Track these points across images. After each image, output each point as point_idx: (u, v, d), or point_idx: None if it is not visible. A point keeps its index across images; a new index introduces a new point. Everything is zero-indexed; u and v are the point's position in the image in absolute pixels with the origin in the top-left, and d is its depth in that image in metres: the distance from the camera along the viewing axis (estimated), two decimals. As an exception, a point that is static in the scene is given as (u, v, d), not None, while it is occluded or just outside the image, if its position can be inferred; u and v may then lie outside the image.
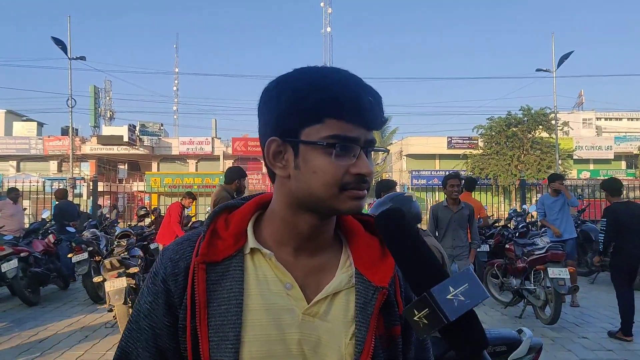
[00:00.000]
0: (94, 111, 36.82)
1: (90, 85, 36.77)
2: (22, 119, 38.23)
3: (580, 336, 5.53)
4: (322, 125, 0.78)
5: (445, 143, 36.89)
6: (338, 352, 0.81)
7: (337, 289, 0.84)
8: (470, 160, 32.05)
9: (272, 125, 0.82)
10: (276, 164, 0.83)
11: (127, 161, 37.05)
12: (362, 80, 0.82)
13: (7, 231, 8.52)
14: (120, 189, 34.34)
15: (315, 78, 0.80)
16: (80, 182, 18.58)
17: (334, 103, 0.77)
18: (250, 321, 0.80)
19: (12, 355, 4.99)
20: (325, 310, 0.83)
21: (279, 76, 0.84)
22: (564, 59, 23.83)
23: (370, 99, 0.79)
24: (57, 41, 21.54)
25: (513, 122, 30.60)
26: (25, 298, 7.30)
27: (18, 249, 7.50)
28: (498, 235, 8.26)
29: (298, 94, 0.79)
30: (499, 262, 7.00)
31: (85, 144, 34.86)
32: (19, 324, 6.31)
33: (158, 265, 0.86)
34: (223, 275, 0.81)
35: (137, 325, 0.86)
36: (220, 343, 0.78)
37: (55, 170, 34.26)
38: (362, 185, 0.80)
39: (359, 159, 0.79)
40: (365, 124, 0.79)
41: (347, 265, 0.87)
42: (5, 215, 8.93)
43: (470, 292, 0.68)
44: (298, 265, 0.85)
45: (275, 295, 0.82)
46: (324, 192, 0.79)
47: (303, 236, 0.85)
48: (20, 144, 34.52)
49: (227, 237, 0.84)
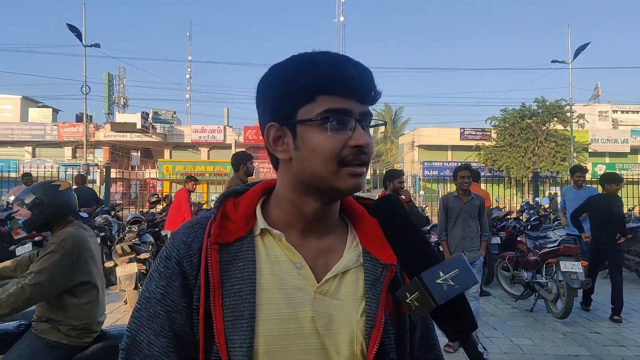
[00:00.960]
0: (108, 98, 37.01)
1: (104, 73, 36.93)
2: (37, 105, 38.56)
3: (592, 331, 5.47)
4: (315, 103, 0.80)
5: (457, 134, 36.58)
6: (350, 329, 0.82)
7: (346, 268, 0.86)
8: (483, 152, 31.80)
9: (269, 112, 0.85)
10: (277, 149, 0.85)
11: (140, 148, 37.29)
12: (350, 58, 0.83)
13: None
14: (133, 176, 34.70)
15: (304, 61, 0.82)
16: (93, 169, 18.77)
17: (323, 80, 0.80)
18: (264, 300, 0.80)
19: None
20: (335, 289, 0.85)
21: (272, 65, 0.87)
22: (580, 51, 23.44)
23: (359, 73, 0.81)
24: (72, 28, 21.66)
25: (527, 114, 30.26)
26: (39, 282, 7.40)
27: (32, 233, 7.59)
28: (509, 228, 8.19)
29: (289, 78, 0.81)
30: (510, 255, 6.94)
31: (99, 130, 35.11)
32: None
33: (170, 249, 0.85)
34: (235, 256, 0.82)
35: (148, 312, 0.84)
36: (236, 322, 0.79)
37: (70, 157, 34.61)
38: (360, 157, 0.81)
39: (355, 131, 0.81)
40: (357, 96, 0.81)
41: (354, 245, 0.89)
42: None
43: (460, 278, 0.70)
44: (306, 246, 0.87)
45: (287, 275, 0.83)
46: (324, 169, 0.81)
47: (309, 219, 0.87)
48: (36, 130, 34.86)
49: (238, 220, 0.86)
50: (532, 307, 6.33)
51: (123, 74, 40.36)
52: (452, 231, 4.92)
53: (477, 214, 4.92)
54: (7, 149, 35.13)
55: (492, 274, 7.46)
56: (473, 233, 4.86)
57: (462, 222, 4.86)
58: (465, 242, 4.84)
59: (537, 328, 5.59)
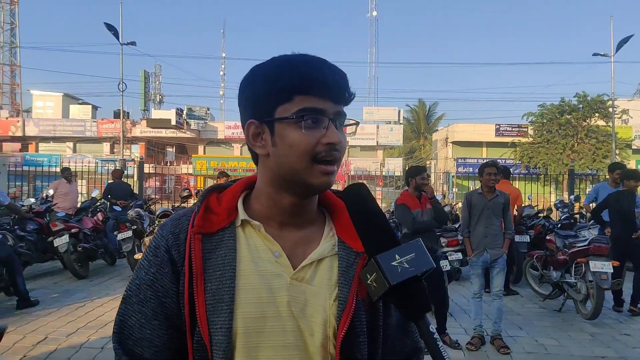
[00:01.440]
0: (144, 95, 37.99)
1: (141, 70, 37.95)
2: (78, 102, 39.86)
3: (622, 333, 5.31)
4: (292, 102, 0.86)
5: (493, 130, 35.84)
6: (323, 313, 0.88)
7: (321, 256, 0.92)
8: (519, 148, 30.99)
9: (249, 110, 0.91)
10: (256, 144, 0.91)
11: (175, 144, 38.10)
12: (326, 61, 0.89)
13: (61, 208, 8.99)
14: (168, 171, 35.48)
15: (283, 62, 0.88)
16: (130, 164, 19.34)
17: (300, 81, 0.85)
18: (243, 285, 0.86)
19: (61, 323, 5.31)
20: (311, 275, 0.90)
21: (254, 66, 0.92)
22: (623, 43, 22.59)
23: (334, 75, 0.87)
24: (109, 27, 22.29)
25: (567, 110, 29.26)
26: (75, 271, 7.73)
27: (69, 225, 7.92)
28: (538, 226, 7.99)
29: (269, 78, 0.87)
30: (539, 254, 6.79)
31: (136, 126, 36.04)
32: (68, 295, 6.69)
33: (159, 239, 0.92)
34: (217, 245, 0.89)
35: (139, 297, 0.90)
36: (216, 305, 0.85)
37: (108, 152, 35.68)
38: (333, 154, 0.87)
39: (328, 129, 0.86)
40: (331, 97, 0.87)
41: (330, 236, 0.94)
42: (59, 193, 9.41)
43: (415, 261, 0.75)
44: (285, 237, 0.92)
45: (265, 262, 0.89)
46: (298, 164, 0.86)
47: (286, 212, 0.93)
48: (77, 126, 36.09)
49: (220, 212, 0.92)
50: (560, 307, 6.19)
51: (159, 71, 41.34)
52: (475, 228, 4.86)
53: (502, 212, 4.85)
54: (50, 144, 36.54)
55: (520, 272, 7.32)
56: (496, 231, 4.79)
57: (485, 219, 4.79)
58: (488, 239, 4.77)
59: (565, 328, 5.47)
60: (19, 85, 44.14)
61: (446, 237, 6.40)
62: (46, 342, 4.73)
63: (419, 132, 46.19)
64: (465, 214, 4.97)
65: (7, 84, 43.33)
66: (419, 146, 45.61)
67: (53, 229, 7.75)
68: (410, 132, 45.87)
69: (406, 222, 4.80)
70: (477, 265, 4.85)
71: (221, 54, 52.51)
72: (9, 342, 4.69)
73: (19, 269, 6.06)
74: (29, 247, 7.39)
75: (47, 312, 5.78)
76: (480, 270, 4.87)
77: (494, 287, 4.86)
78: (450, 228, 6.82)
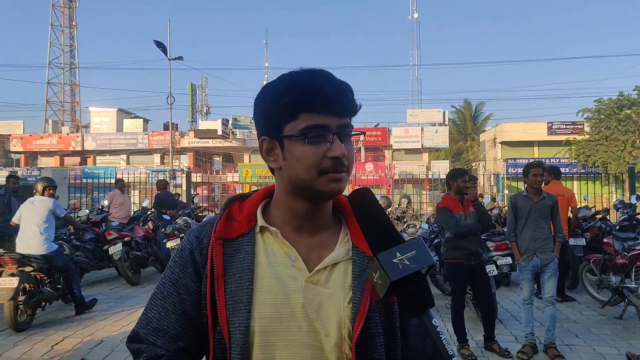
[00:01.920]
0: (191, 107, 39.13)
1: (188, 83, 39.08)
2: (130, 117, 41.51)
3: (689, 341, 4.97)
4: (297, 120, 0.92)
5: (544, 129, 34.52)
6: (337, 315, 0.92)
7: (336, 260, 0.96)
8: (575, 146, 29.60)
9: (262, 126, 0.98)
10: (269, 159, 0.98)
11: (221, 153, 39.00)
12: (330, 75, 0.94)
13: (116, 218, 9.41)
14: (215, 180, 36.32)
15: (287, 80, 0.94)
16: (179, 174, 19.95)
17: (303, 99, 0.91)
18: (260, 287, 0.93)
19: (115, 328, 5.54)
20: (325, 279, 0.95)
21: (265, 84, 0.99)
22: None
23: (336, 91, 0.92)
24: (158, 44, 23.14)
25: (626, 104, 27.62)
26: (128, 278, 8.06)
27: (122, 233, 8.27)
28: (594, 228, 7.59)
29: (275, 96, 0.94)
30: (596, 258, 6.45)
31: (184, 137, 37.17)
32: (123, 301, 6.96)
33: (185, 243, 1.01)
34: (237, 250, 0.96)
35: (162, 293, 1.00)
36: (235, 305, 0.92)
37: (159, 163, 36.93)
38: (338, 167, 0.92)
39: (333, 143, 0.91)
40: (333, 112, 0.92)
41: (345, 241, 0.99)
42: (115, 204, 9.87)
43: (416, 258, 0.78)
44: (301, 242, 0.98)
45: (281, 266, 0.95)
46: (306, 176, 0.92)
47: (302, 218, 0.99)
48: (130, 139, 37.61)
49: (241, 219, 0.99)
50: (621, 314, 5.86)
51: (205, 83, 42.45)
52: (522, 232, 4.68)
53: (550, 214, 4.65)
54: (106, 157, 38.27)
55: (576, 278, 6.98)
56: (545, 234, 4.59)
57: (532, 222, 4.60)
58: (537, 243, 4.58)
59: (626, 337, 5.18)
60: (78, 103, 46.57)
61: (494, 240, 6.19)
62: (102, 346, 4.95)
63: (466, 133, 45.14)
64: (510, 218, 4.80)
65: (67, 102, 45.78)
66: (466, 147, 44.57)
67: (108, 237, 8.11)
68: (457, 133, 44.90)
69: (449, 225, 4.69)
70: (527, 270, 4.66)
71: (264, 64, 53.38)
72: (67, 345, 4.94)
73: (75, 277, 6.33)
74: (86, 255, 7.75)
75: (103, 317, 6.05)
76: (530, 275, 4.68)
77: (545, 293, 4.65)
78: (498, 232, 6.59)
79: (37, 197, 6.12)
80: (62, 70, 45.39)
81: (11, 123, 39.87)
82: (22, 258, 5.68)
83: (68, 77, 45.86)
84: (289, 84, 0.92)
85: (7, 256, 5.66)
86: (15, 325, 5.39)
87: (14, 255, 5.69)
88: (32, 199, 6.11)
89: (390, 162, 36.09)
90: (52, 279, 6.07)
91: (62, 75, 45.51)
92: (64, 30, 45.35)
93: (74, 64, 46.16)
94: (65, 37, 45.49)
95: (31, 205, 6.04)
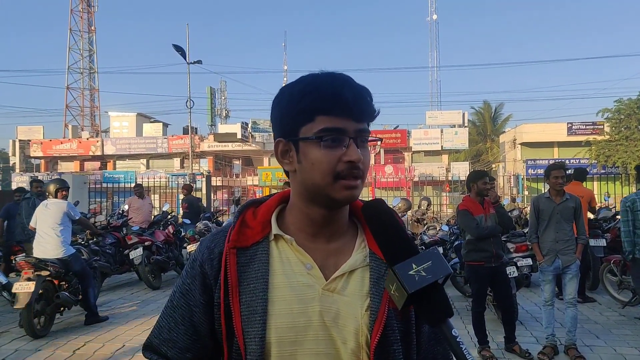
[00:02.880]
0: (211, 111, 39.43)
1: (207, 87, 39.42)
2: (150, 121, 41.97)
3: None
4: (314, 122, 0.90)
5: (564, 129, 34.03)
6: (355, 322, 0.91)
7: (353, 267, 0.95)
8: (595, 147, 29.16)
9: (278, 128, 0.97)
10: (284, 161, 0.96)
11: (240, 157, 39.23)
12: (349, 79, 0.92)
13: (135, 222, 9.53)
14: (235, 184, 36.54)
15: (306, 83, 0.92)
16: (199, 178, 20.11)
17: (321, 101, 0.89)
18: (276, 297, 0.91)
19: (137, 332, 5.62)
20: (342, 286, 0.93)
21: (283, 85, 0.97)
22: None
23: (355, 95, 0.90)
24: (177, 48, 23.43)
25: (647, 103, 27.23)
26: (149, 282, 8.14)
27: (143, 238, 8.38)
28: (615, 229, 7.47)
29: (293, 99, 0.92)
30: (616, 259, 6.36)
31: (203, 141, 37.44)
32: (144, 305, 7.05)
33: (197, 253, 1.00)
34: (251, 259, 0.94)
35: (173, 303, 1.01)
36: (250, 316, 0.90)
37: (179, 167, 37.31)
38: (354, 172, 0.90)
39: (349, 148, 0.89)
40: (351, 116, 0.90)
41: (362, 247, 0.97)
42: (133, 208, 10.00)
43: (432, 269, 0.77)
44: (317, 249, 0.96)
45: (297, 274, 0.93)
46: (321, 181, 0.90)
47: (317, 224, 0.97)
48: (149, 144, 38.01)
49: (255, 226, 0.97)
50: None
51: (224, 87, 42.78)
52: (544, 234, 4.64)
53: (573, 216, 4.61)
54: (126, 162, 38.76)
55: (597, 279, 6.89)
56: (567, 236, 4.55)
57: (554, 224, 4.56)
58: (559, 245, 4.54)
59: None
60: (97, 107, 47.08)
61: (514, 242, 6.14)
62: (124, 350, 5.01)
63: (485, 134, 44.72)
64: (532, 219, 4.77)
65: (87, 107, 46.31)
66: (485, 149, 44.14)
67: (128, 242, 8.23)
68: (476, 134, 44.51)
69: (469, 228, 4.68)
70: (548, 272, 4.63)
71: (283, 67, 53.62)
72: (89, 350, 5.02)
73: (91, 283, 6.15)
74: (107, 260, 7.86)
75: (125, 321, 6.13)
76: (551, 277, 4.64)
77: (567, 294, 4.61)
78: (519, 233, 6.54)
79: (51, 200, 6.01)
80: (81, 75, 45.90)
81: (31, 128, 40.30)
82: (38, 262, 5.58)
83: (87, 82, 46.38)
84: (307, 86, 0.91)
85: (23, 260, 5.58)
86: (32, 331, 5.31)
87: (30, 259, 5.61)
88: (46, 202, 6.02)
89: (409, 164, 35.92)
90: (69, 284, 5.96)
91: (81, 80, 46.02)
92: (83, 35, 45.79)
93: (93, 69, 46.71)
94: (84, 42, 45.99)
95: (45, 209, 5.92)
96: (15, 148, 39.58)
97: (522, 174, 31.51)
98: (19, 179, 34.96)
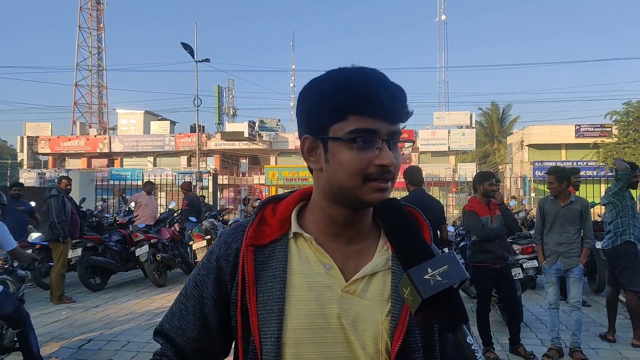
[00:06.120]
0: (218, 109, 39.47)
1: (215, 85, 39.47)
2: (157, 119, 42.06)
3: None
4: (346, 122, 0.85)
5: (572, 132, 33.83)
6: (375, 327, 0.88)
7: (374, 270, 0.91)
8: (602, 149, 28.97)
9: (305, 124, 0.92)
10: (310, 158, 0.92)
11: (247, 155, 39.30)
12: (384, 78, 0.87)
13: (141, 220, 9.55)
14: (242, 182, 36.62)
15: (340, 79, 0.87)
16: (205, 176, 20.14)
17: (354, 101, 0.84)
18: (293, 296, 0.89)
19: (141, 329, 5.65)
20: (363, 289, 0.90)
21: (312, 79, 0.92)
22: None
23: (390, 95, 0.85)
24: (185, 46, 23.45)
25: (656, 106, 27.00)
26: (155, 280, 8.18)
27: (149, 235, 8.41)
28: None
29: (324, 95, 0.87)
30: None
31: (211, 140, 37.53)
32: (149, 303, 7.08)
33: (214, 246, 0.99)
34: (269, 257, 0.92)
35: (187, 292, 1.01)
36: (267, 315, 0.88)
37: (186, 165, 37.43)
38: (385, 175, 0.86)
39: (381, 150, 0.85)
40: (385, 117, 0.85)
41: (384, 250, 0.94)
42: (139, 205, 10.01)
43: (448, 273, 0.73)
44: (337, 250, 0.93)
45: (316, 274, 0.90)
46: (349, 183, 0.86)
47: (339, 224, 0.93)
48: (157, 141, 38.16)
49: (274, 223, 0.95)
50: (649, 319, 5.70)
51: (232, 85, 42.87)
52: (548, 236, 4.64)
53: (578, 219, 4.59)
54: (133, 159, 38.94)
55: (603, 281, 6.84)
56: (571, 239, 4.53)
57: (558, 227, 4.56)
58: (562, 247, 4.53)
59: (655, 342, 5.04)
60: (105, 105, 47.32)
61: (520, 244, 6.12)
62: (129, 347, 5.03)
63: (493, 135, 44.51)
64: (538, 221, 4.77)
65: (95, 104, 46.59)
66: (492, 150, 43.95)
67: (134, 239, 8.27)
68: (484, 136, 44.32)
69: (475, 229, 4.67)
70: (550, 274, 4.62)
71: (291, 66, 53.70)
72: (94, 346, 5.06)
73: (31, 327, 4.12)
74: (113, 257, 7.91)
75: (129, 319, 6.16)
76: (555, 279, 4.63)
77: (570, 297, 4.59)
78: (525, 235, 6.52)
79: None
80: (89, 73, 46.17)
81: (39, 125, 40.53)
82: None
83: (96, 79, 46.62)
84: (340, 84, 0.85)
85: None
86: None
87: None
88: None
89: (416, 164, 35.82)
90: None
91: (89, 77, 46.30)
92: (92, 33, 46.06)
93: (102, 66, 46.95)
94: (93, 39, 46.24)
95: None
96: (23, 144, 39.80)
97: (530, 176, 31.33)
98: (26, 175, 35.23)
